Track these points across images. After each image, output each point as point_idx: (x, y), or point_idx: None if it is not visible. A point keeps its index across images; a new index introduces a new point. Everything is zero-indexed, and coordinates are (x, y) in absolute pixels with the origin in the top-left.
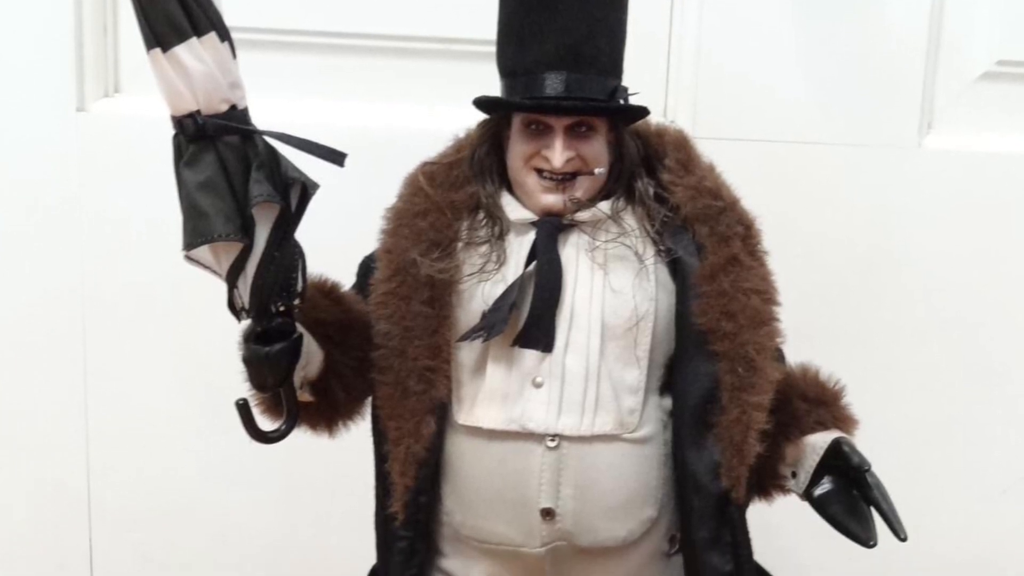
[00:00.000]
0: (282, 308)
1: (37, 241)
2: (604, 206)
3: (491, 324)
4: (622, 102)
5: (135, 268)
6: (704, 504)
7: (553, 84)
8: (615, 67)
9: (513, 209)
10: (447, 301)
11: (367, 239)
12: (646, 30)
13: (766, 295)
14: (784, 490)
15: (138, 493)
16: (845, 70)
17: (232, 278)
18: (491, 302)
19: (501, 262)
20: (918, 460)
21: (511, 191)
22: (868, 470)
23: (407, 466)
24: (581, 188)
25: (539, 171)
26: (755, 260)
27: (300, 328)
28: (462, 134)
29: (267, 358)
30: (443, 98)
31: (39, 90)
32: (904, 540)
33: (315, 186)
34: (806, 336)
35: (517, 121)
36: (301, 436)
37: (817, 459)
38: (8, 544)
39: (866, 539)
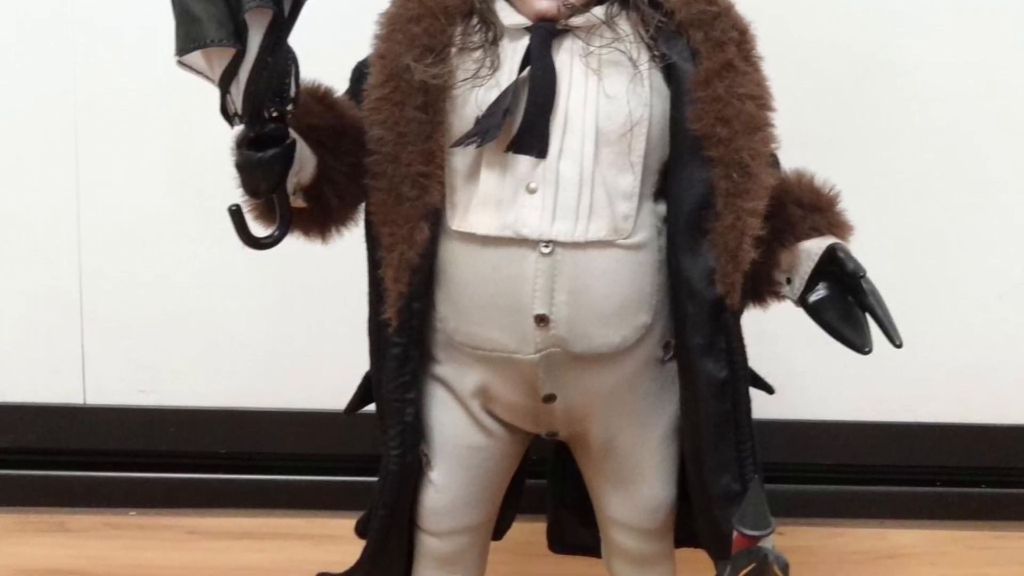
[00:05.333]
0: (275, 114)
1: (27, 49)
2: (598, 11)
3: (485, 129)
4: None
5: (127, 74)
6: (698, 310)
7: None
8: None
9: (507, 14)
10: (441, 107)
11: (360, 45)
12: None
13: (761, 100)
14: (779, 296)
15: (130, 300)
16: None
17: (225, 84)
18: (485, 108)
19: (495, 68)
20: (913, 267)
21: None
22: (863, 276)
23: (400, 272)
24: None
25: None
26: (750, 65)
27: (293, 134)
28: None
29: (260, 164)
30: None
31: None
32: (899, 346)
33: None
34: (801, 143)
35: None
36: (294, 243)
37: (812, 265)
38: (1, 351)
39: (861, 345)
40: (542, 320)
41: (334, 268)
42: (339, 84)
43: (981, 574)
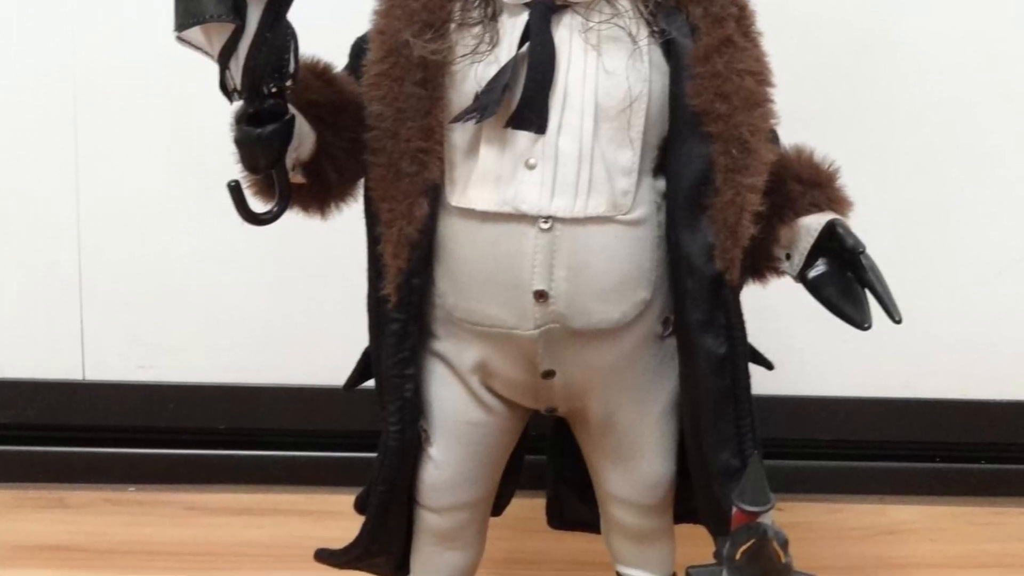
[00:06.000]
0: (274, 90)
1: (27, 24)
2: None
3: (484, 105)
4: None
5: (126, 50)
6: (698, 286)
7: None
8: None
9: None
10: (440, 82)
11: (360, 20)
12: None
13: (760, 76)
14: (778, 272)
15: (130, 276)
16: None
17: (224, 59)
18: (484, 83)
19: (494, 43)
20: (913, 242)
21: None
22: (863, 252)
23: (400, 248)
24: None
25: None
26: (749, 41)
27: (292, 109)
28: None
29: (259, 139)
30: None
31: None
32: (899, 322)
33: None
34: (800, 119)
35: None
36: (293, 219)
37: (811, 241)
38: (0, 327)
39: (860, 321)
40: (541, 296)
41: (333, 244)
42: (338, 60)
43: (980, 550)
